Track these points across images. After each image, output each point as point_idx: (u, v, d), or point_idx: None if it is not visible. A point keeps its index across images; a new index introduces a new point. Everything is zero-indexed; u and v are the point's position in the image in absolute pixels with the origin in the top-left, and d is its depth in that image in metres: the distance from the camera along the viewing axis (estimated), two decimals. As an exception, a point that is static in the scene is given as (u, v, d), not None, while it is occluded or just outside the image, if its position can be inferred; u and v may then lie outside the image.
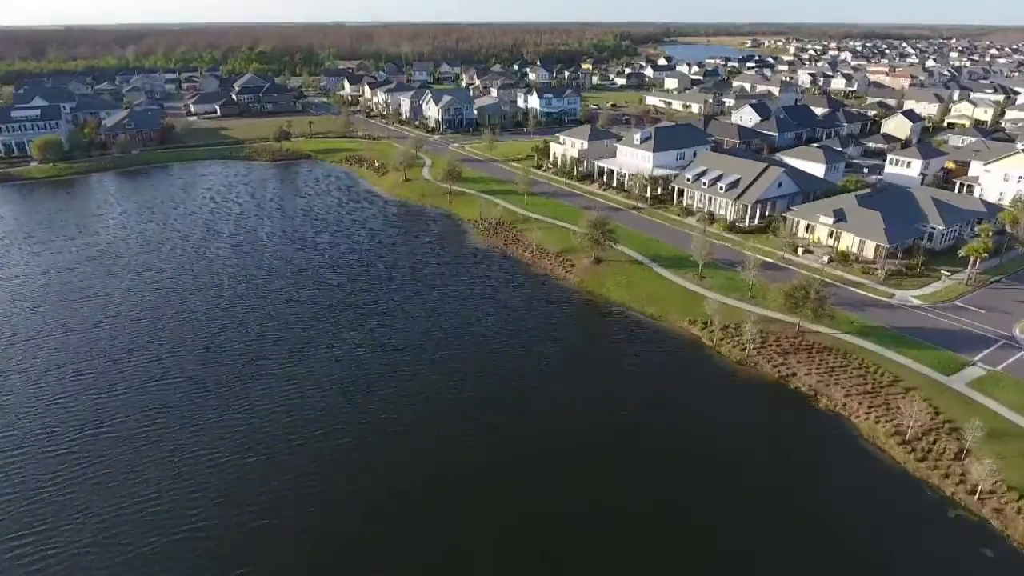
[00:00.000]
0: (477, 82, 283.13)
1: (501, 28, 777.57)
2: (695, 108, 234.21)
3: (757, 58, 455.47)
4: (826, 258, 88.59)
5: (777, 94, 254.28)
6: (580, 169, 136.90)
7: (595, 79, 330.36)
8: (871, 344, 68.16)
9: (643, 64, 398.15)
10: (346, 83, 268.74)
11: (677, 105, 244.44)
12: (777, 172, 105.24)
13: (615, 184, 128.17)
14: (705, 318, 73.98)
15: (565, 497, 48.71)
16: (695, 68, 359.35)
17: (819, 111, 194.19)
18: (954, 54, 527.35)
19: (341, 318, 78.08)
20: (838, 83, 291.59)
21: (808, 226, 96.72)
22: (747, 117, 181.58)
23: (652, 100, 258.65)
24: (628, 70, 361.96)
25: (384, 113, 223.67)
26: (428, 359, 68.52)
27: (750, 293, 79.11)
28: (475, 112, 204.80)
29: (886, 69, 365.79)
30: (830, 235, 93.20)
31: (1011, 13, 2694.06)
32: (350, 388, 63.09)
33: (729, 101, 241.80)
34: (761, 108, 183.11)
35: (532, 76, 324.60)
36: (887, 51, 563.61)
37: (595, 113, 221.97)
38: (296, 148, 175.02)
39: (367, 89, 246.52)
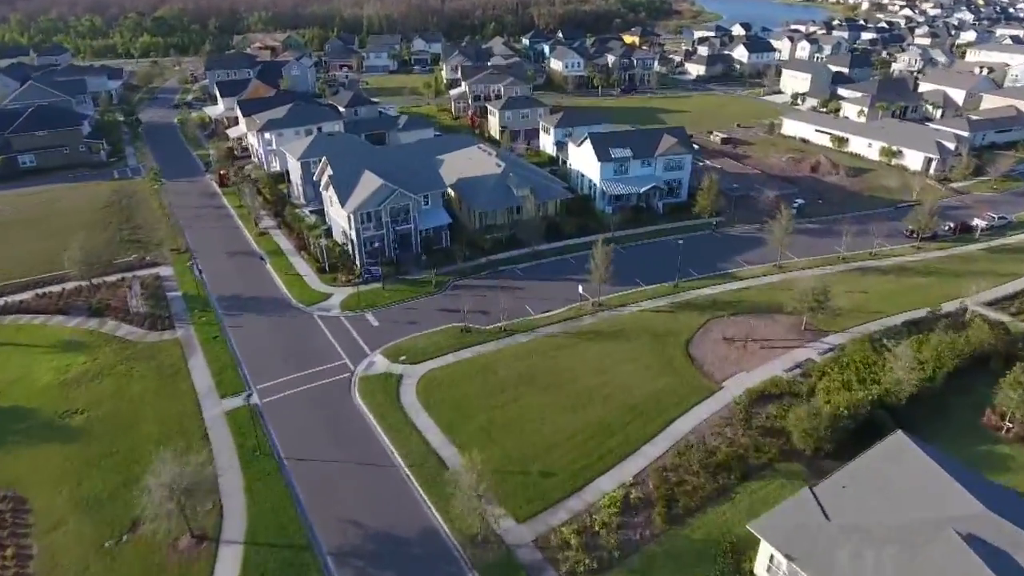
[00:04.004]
0: (464, 87, 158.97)
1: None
2: (913, 160, 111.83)
3: (863, 23, 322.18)
4: None
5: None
6: None
7: (657, 66, 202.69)
8: None
9: (719, 38, 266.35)
10: (219, 95, 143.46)
11: (861, 147, 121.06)
12: None
13: None
14: None
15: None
16: (803, 45, 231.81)
17: None
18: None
19: None
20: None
21: None
22: None
23: (794, 126, 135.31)
24: (704, 49, 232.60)
25: (252, 175, 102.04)
26: None
27: None
28: (444, 201, 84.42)
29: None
30: None
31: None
32: None
33: (962, 132, 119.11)
34: None
35: (557, 65, 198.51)
36: (1013, 11, 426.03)
37: (730, 193, 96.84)
38: None
39: (240, 117, 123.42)
